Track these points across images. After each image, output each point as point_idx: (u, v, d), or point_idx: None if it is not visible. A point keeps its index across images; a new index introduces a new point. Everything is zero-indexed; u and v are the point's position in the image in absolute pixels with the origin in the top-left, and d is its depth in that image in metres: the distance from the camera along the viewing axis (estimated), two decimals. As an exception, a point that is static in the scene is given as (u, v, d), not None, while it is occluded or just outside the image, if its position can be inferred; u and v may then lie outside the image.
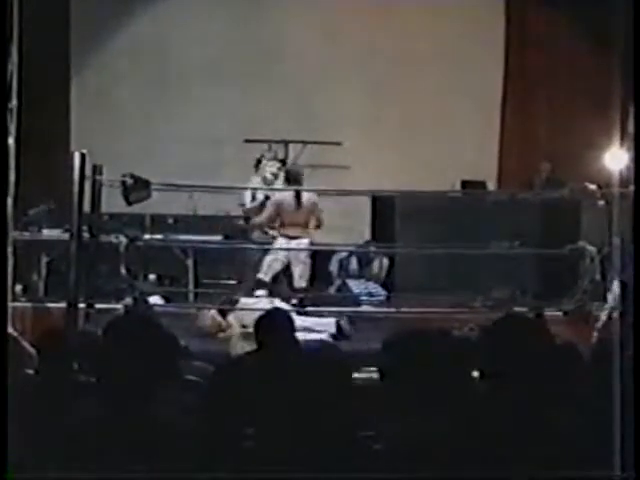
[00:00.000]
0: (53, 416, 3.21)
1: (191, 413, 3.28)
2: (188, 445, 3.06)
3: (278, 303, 8.08)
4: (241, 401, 3.64)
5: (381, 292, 10.37)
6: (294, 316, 7.64)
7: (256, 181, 9.66)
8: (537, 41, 12.77)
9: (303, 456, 3.01)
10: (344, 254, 10.97)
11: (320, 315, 8.60)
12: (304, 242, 9.00)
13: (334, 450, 3.04)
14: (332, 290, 10.55)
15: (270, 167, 9.61)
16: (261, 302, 8.40)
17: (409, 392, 3.06)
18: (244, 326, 7.90)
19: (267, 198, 9.23)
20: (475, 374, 3.16)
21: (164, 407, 3.15)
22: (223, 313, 8.40)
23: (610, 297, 8.10)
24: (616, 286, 8.07)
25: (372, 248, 10.84)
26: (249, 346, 5.62)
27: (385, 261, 10.64)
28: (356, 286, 10.34)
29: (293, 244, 9.00)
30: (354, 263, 10.72)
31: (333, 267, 10.85)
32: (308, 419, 3.11)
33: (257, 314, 5.16)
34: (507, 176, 12.52)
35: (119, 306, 7.94)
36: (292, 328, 4.96)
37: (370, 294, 10.25)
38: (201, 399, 3.72)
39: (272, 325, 4.90)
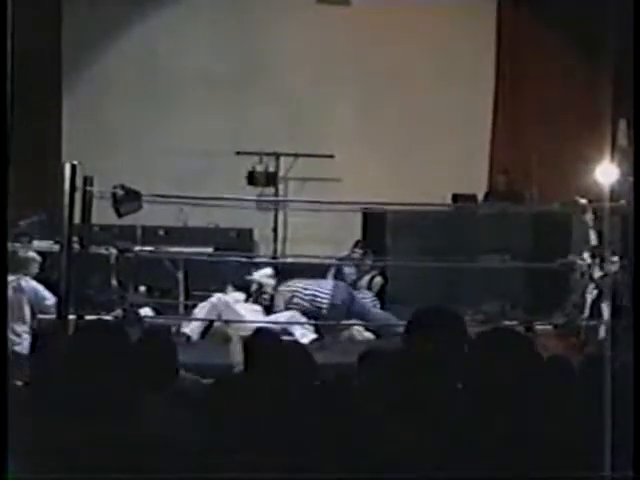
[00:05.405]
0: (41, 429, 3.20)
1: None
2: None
3: None
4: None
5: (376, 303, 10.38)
6: None
7: None
8: (529, 53, 12.80)
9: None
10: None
11: None
12: None
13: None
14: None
15: None
16: None
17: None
18: None
19: None
20: None
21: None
22: None
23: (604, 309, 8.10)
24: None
25: (366, 260, 10.77)
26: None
27: (378, 279, 10.59)
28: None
29: None
30: (353, 274, 10.68)
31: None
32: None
33: None
34: (497, 189, 12.52)
35: (109, 317, 7.93)
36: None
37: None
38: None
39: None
